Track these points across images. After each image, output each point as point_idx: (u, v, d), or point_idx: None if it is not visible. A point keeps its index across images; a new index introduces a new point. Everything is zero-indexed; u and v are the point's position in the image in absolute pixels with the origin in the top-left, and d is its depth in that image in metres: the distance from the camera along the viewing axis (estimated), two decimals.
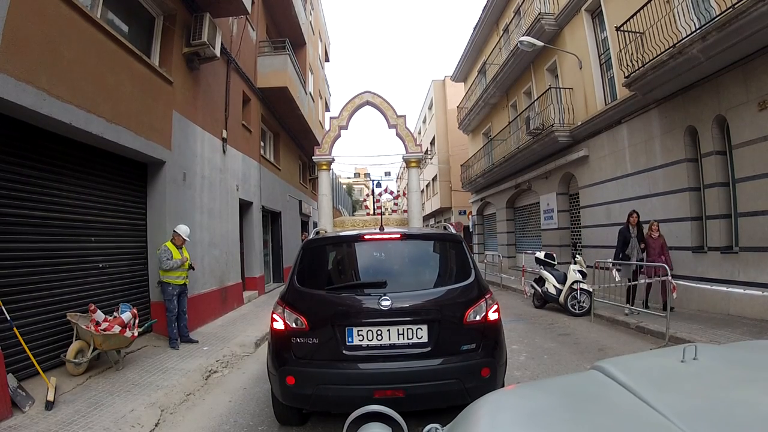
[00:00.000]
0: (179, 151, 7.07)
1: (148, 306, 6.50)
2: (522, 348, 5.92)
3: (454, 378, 3.10)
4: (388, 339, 3.16)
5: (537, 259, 9.29)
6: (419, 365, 3.09)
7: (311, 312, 3.27)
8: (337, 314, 3.22)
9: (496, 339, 3.30)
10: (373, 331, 3.16)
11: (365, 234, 3.61)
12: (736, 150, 6.73)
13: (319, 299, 3.35)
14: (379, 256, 3.68)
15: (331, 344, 3.16)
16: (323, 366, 3.17)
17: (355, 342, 3.15)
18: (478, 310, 3.25)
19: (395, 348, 3.16)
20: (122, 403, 4.04)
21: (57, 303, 4.85)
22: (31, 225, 4.58)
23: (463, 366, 3.14)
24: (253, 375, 5.15)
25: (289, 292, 3.42)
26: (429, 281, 3.54)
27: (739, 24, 5.58)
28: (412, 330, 3.17)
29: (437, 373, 3.08)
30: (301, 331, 3.21)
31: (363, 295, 3.29)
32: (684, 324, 6.35)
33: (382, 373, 3.09)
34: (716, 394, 1.01)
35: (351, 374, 3.13)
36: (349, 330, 3.16)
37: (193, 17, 7.22)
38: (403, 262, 3.65)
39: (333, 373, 3.13)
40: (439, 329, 3.17)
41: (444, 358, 3.13)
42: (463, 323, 3.21)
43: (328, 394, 3.12)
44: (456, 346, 3.19)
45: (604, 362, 1.24)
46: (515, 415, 1.05)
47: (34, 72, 4.17)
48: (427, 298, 3.31)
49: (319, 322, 3.22)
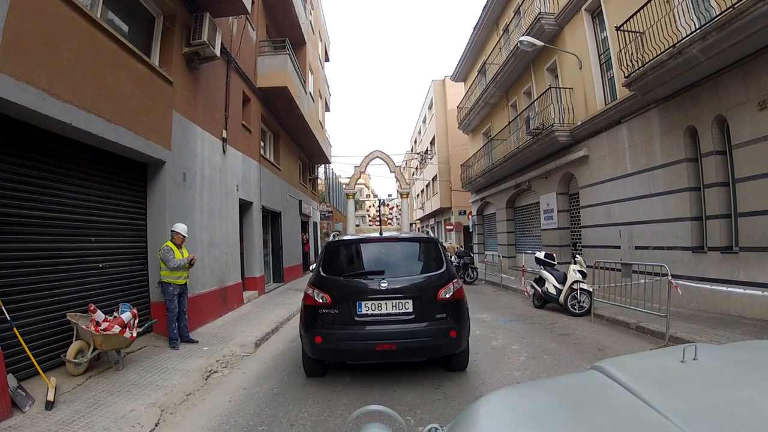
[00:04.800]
0: (179, 151, 7.07)
1: (148, 306, 6.50)
2: (522, 348, 5.92)
3: (430, 337, 4.41)
4: (385, 309, 4.50)
5: (537, 259, 9.28)
6: (406, 327, 4.43)
7: (333, 291, 4.56)
8: (351, 293, 4.55)
9: (459, 311, 4.60)
10: (376, 304, 4.50)
11: (369, 237, 5.14)
12: (736, 150, 6.72)
13: (338, 283, 4.67)
14: (379, 253, 5.04)
15: (346, 313, 4.47)
16: (341, 328, 4.45)
17: (363, 312, 4.48)
18: (447, 291, 4.57)
19: (390, 316, 4.49)
20: (122, 403, 4.03)
21: (57, 303, 4.85)
22: (32, 225, 4.58)
23: (437, 329, 4.44)
24: (253, 375, 5.15)
25: (317, 278, 4.73)
26: (414, 270, 4.87)
27: (738, 24, 5.58)
28: (402, 303, 4.50)
29: (418, 333, 4.40)
30: (326, 305, 4.52)
31: (368, 280, 4.64)
32: (684, 324, 6.35)
33: (381, 332, 4.42)
34: (716, 394, 1.01)
35: (360, 333, 4.43)
36: (359, 303, 4.49)
37: (193, 17, 7.21)
38: (395, 257, 4.99)
39: (348, 333, 4.43)
40: (420, 303, 4.49)
41: (423, 323, 4.43)
42: (437, 299, 4.53)
43: (344, 348, 4.47)
44: (432, 314, 4.48)
45: (603, 362, 1.24)
46: (515, 414, 1.05)
47: (34, 72, 4.17)
48: (412, 281, 4.63)
49: (338, 299, 4.52)
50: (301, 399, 4.29)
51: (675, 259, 7.60)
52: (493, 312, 8.92)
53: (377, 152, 28.58)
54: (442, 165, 27.62)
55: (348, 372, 5.06)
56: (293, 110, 13.46)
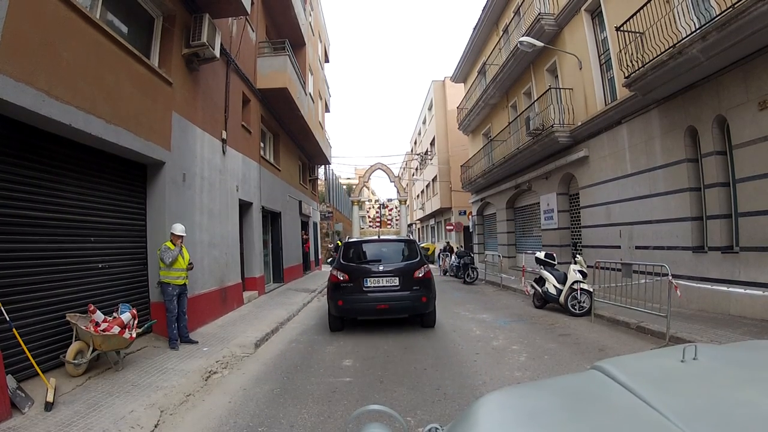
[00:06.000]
0: (179, 152, 7.07)
1: (147, 306, 6.49)
2: (522, 348, 5.91)
3: (409, 300, 6.97)
4: (382, 283, 7.07)
5: (537, 259, 9.27)
6: (395, 294, 6.97)
7: (349, 272, 7.16)
8: (361, 273, 7.16)
9: (429, 285, 7.13)
10: (376, 279, 7.09)
11: (371, 239, 8.43)
12: (736, 150, 6.72)
13: (352, 267, 7.31)
14: (377, 248, 7.86)
15: (358, 286, 7.05)
16: (354, 295, 7.01)
17: (368, 285, 7.06)
18: (420, 272, 7.14)
19: (385, 287, 7.04)
20: (122, 404, 4.03)
21: (56, 303, 4.84)
22: (31, 225, 4.57)
23: (413, 295, 6.98)
24: (253, 376, 5.14)
25: (339, 264, 7.41)
26: (399, 259, 7.49)
27: (738, 24, 5.58)
28: (392, 279, 7.07)
29: (402, 298, 6.96)
30: (345, 281, 7.09)
31: (371, 265, 7.36)
32: (684, 324, 6.33)
33: (379, 297, 6.96)
34: (716, 394, 1.01)
35: (366, 298, 6.99)
36: (365, 280, 7.09)
37: (193, 18, 7.21)
38: (388, 251, 7.74)
39: (359, 298, 6.99)
40: (403, 279, 7.05)
41: (406, 292, 6.98)
42: (413, 277, 7.07)
43: (357, 307, 7.02)
44: (410, 286, 7.03)
45: (603, 362, 1.24)
46: (515, 414, 1.05)
47: (34, 73, 4.16)
48: (398, 266, 7.25)
49: (353, 277, 7.10)
50: (301, 400, 4.28)
51: (675, 259, 7.59)
52: (494, 312, 8.91)
53: (379, 164, 34.27)
54: (442, 166, 27.62)
55: (349, 373, 5.05)
56: (293, 111, 13.45)
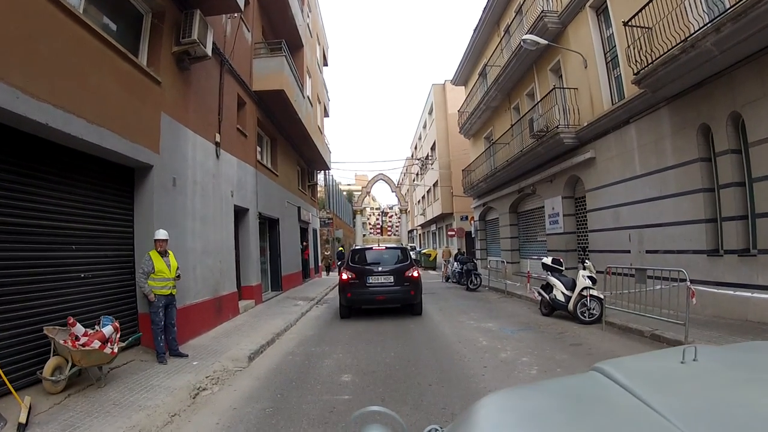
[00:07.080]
0: (168, 154, 6.75)
1: (135, 318, 6.16)
2: (533, 360, 5.55)
3: (401, 293, 9.20)
4: (380, 281, 9.26)
5: (544, 264, 8.93)
6: (390, 289, 9.21)
7: (356, 272, 9.34)
8: (364, 272, 9.33)
9: (417, 282, 9.30)
10: (376, 278, 9.27)
11: (373, 246, 11.05)
12: (752, 148, 6.40)
13: (358, 268, 9.47)
14: (377, 254, 10.17)
15: (362, 283, 9.23)
16: (360, 289, 9.21)
17: (370, 282, 9.24)
18: (410, 272, 9.28)
19: (383, 283, 9.25)
20: (99, 426, 3.69)
21: (34, 316, 4.52)
22: (6, 233, 4.25)
23: (404, 290, 9.19)
24: (245, 393, 4.78)
25: (348, 266, 9.58)
26: (394, 262, 9.65)
27: (756, 13, 5.29)
28: (388, 278, 9.26)
29: (396, 292, 9.20)
30: (352, 279, 9.27)
31: (372, 266, 9.56)
32: (701, 331, 6.00)
33: (378, 291, 9.20)
34: (716, 395, 1.01)
35: (368, 291, 9.22)
36: (368, 278, 9.26)
37: (183, 14, 6.91)
38: (386, 256, 9.99)
39: (363, 291, 9.22)
40: (396, 278, 9.22)
41: (398, 287, 9.19)
42: (404, 276, 9.23)
43: (361, 298, 9.28)
44: (402, 283, 9.20)
45: (603, 363, 1.24)
46: (515, 415, 1.05)
47: (7, 68, 3.88)
48: (393, 267, 9.44)
49: (358, 276, 9.28)
50: (295, 420, 3.94)
51: (689, 263, 7.23)
52: (500, 320, 8.55)
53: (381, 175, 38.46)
54: (443, 170, 27.32)
55: (348, 390, 4.71)
56: (291, 114, 13.17)
